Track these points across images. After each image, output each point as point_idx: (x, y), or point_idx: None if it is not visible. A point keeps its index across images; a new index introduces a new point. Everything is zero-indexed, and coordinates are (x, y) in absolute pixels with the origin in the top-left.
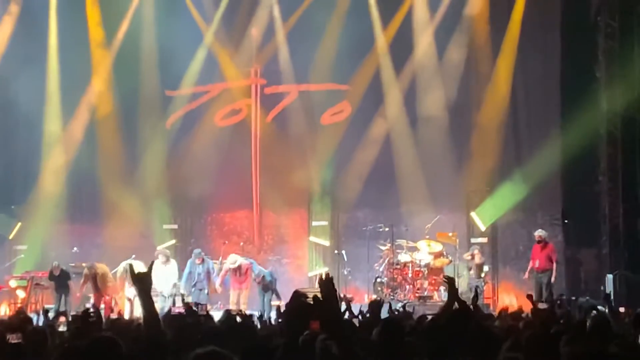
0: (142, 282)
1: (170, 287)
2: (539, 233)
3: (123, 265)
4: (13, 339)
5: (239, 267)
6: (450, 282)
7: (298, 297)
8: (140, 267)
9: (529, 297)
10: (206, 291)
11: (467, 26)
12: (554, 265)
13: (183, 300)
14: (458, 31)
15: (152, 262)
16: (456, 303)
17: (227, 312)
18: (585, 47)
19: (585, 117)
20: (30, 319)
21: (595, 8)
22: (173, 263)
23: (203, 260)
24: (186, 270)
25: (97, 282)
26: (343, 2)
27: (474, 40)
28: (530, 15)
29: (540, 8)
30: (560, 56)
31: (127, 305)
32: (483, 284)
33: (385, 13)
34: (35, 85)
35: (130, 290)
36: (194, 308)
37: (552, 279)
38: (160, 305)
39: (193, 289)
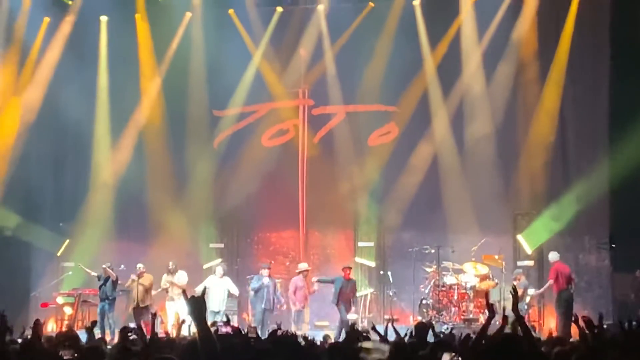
0: (197, 305)
1: (222, 302)
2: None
3: (165, 279)
4: (66, 355)
5: (306, 277)
6: (514, 296)
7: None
8: (183, 277)
9: (575, 321)
10: (273, 311)
11: (516, 48)
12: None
13: (228, 320)
14: (506, 53)
15: (205, 288)
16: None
17: (274, 333)
18: (635, 68)
19: (634, 140)
20: (78, 337)
21: None
22: (227, 278)
23: (269, 276)
24: (254, 285)
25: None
26: (391, 24)
27: (522, 62)
28: (579, 37)
29: (590, 30)
30: (609, 79)
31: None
32: (526, 307)
33: (433, 35)
34: (85, 103)
35: (172, 306)
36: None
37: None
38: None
39: (263, 307)
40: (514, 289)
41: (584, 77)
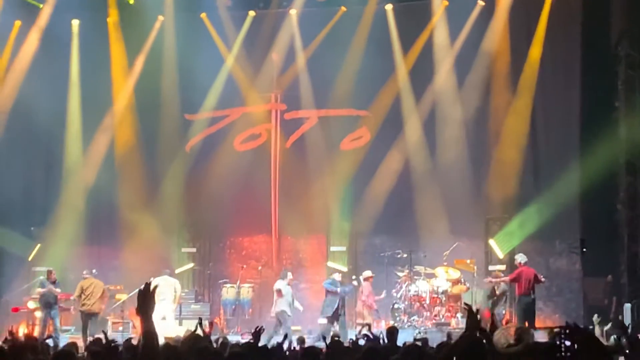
0: (145, 300)
1: (291, 307)
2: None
3: (157, 281)
4: None
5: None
6: (469, 311)
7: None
8: (171, 283)
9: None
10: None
11: (487, 54)
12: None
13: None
14: (478, 59)
15: (151, 286)
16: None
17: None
18: (605, 76)
19: (604, 146)
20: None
21: (616, 38)
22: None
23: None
24: (328, 286)
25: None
26: (364, 28)
27: (493, 68)
28: (550, 44)
29: (561, 37)
30: (580, 85)
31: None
32: (504, 312)
33: (405, 40)
34: (57, 108)
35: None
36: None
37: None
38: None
39: (333, 311)
40: (467, 305)
41: (555, 82)
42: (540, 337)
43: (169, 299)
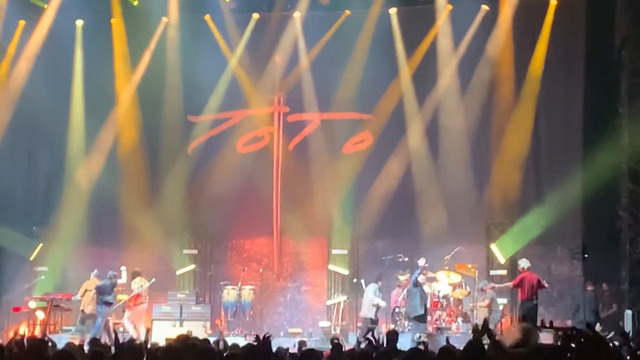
0: None
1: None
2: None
3: (137, 282)
4: None
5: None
6: (481, 328)
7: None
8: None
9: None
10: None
11: (490, 59)
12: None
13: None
14: (481, 64)
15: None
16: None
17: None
18: (609, 82)
19: (607, 152)
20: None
21: (619, 44)
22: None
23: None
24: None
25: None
26: (367, 32)
27: (497, 73)
28: (553, 49)
29: (564, 43)
30: (583, 91)
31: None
32: (499, 317)
33: (409, 44)
34: (60, 108)
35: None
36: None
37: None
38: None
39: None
40: (475, 329)
41: (558, 88)
42: (545, 338)
43: (147, 301)
